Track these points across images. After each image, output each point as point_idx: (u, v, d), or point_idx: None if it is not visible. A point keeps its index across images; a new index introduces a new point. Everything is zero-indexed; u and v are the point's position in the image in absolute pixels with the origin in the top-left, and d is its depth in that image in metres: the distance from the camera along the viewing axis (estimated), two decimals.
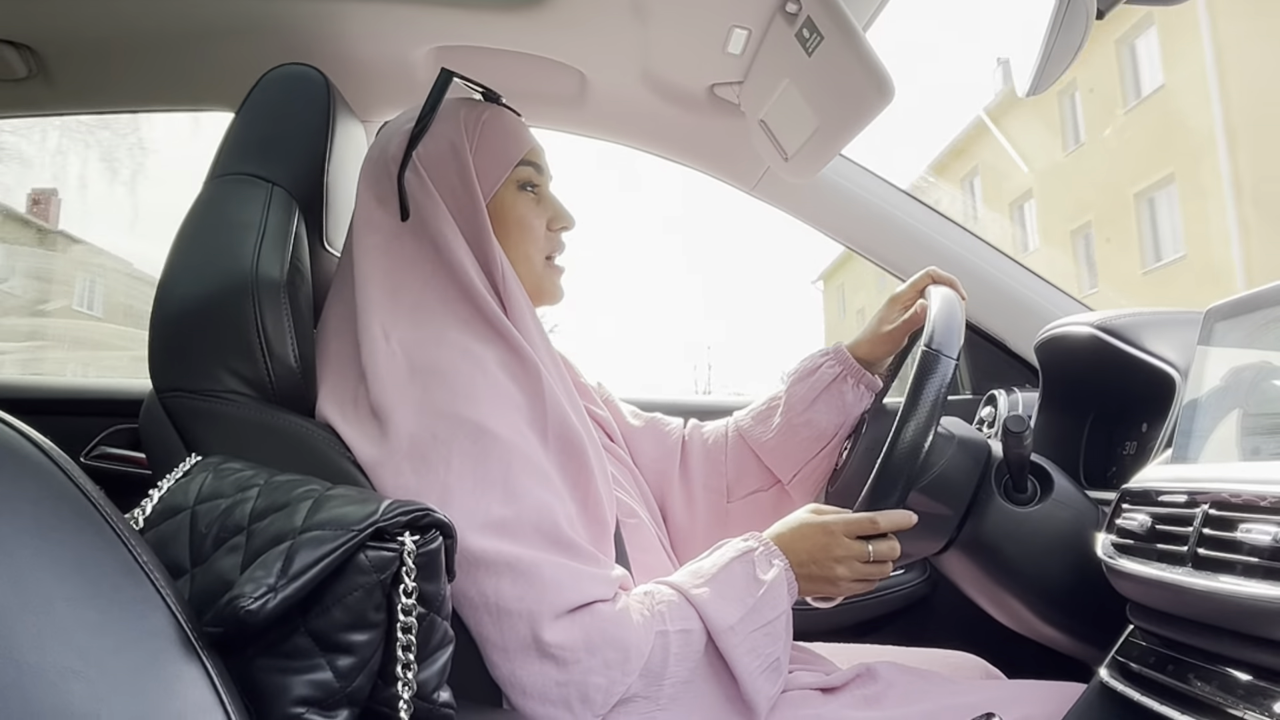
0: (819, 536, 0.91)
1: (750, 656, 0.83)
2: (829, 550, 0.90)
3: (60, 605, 0.47)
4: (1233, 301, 0.84)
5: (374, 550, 0.64)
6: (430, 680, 0.67)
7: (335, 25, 1.21)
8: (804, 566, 0.91)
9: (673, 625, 0.83)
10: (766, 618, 0.85)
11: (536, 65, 1.28)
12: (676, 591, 0.86)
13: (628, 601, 0.83)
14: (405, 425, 0.83)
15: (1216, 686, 0.69)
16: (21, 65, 1.27)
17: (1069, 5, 0.79)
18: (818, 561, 0.90)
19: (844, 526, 0.90)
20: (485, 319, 0.90)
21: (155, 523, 0.73)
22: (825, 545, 0.90)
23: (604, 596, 0.82)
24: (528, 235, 0.99)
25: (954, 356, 0.90)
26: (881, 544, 0.91)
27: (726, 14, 1.09)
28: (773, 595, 0.87)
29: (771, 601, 0.86)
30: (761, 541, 0.91)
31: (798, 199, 1.52)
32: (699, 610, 0.84)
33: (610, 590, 0.82)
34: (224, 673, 0.57)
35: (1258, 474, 0.70)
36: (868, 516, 0.90)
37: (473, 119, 0.98)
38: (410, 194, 0.95)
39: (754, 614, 0.85)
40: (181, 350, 0.89)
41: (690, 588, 0.86)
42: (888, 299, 1.14)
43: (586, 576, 0.81)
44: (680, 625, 0.83)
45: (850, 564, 0.90)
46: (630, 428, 1.19)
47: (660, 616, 0.83)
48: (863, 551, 0.90)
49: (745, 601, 0.85)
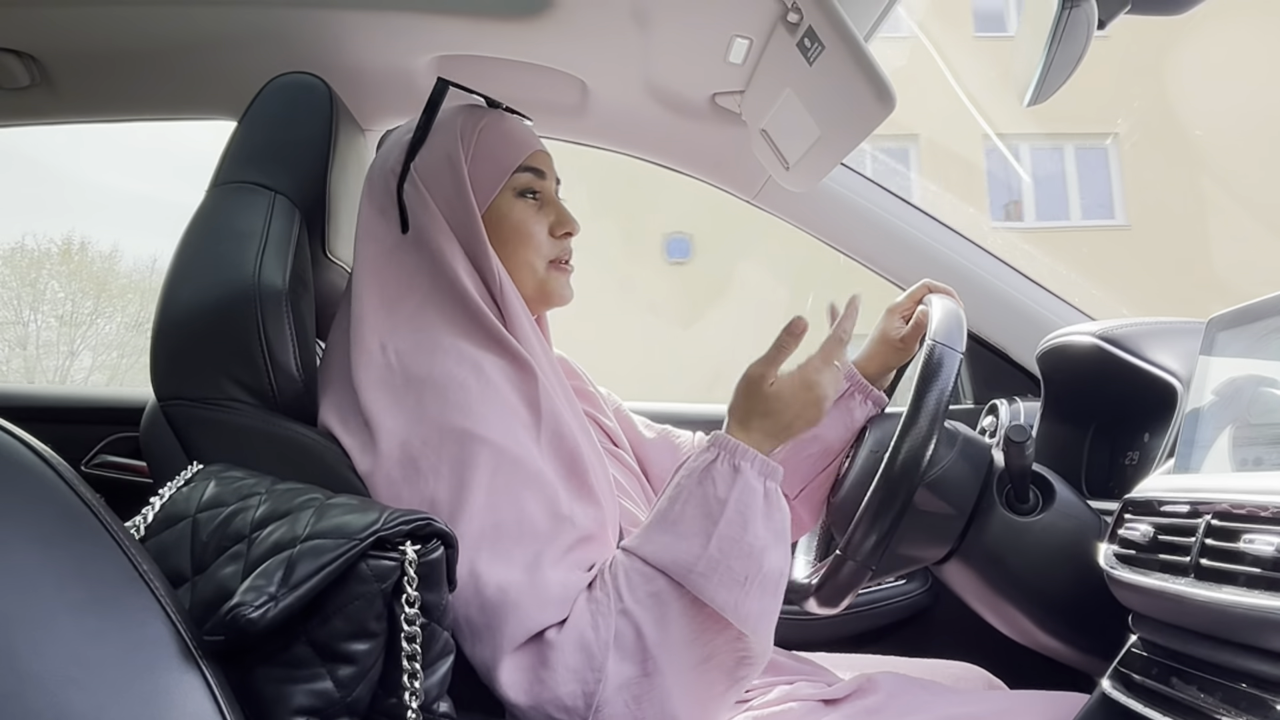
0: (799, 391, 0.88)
1: (725, 587, 0.79)
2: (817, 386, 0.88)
3: (60, 614, 0.47)
4: (1235, 311, 0.84)
5: (375, 559, 0.64)
6: (431, 690, 0.67)
7: (338, 34, 1.21)
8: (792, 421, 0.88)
9: (632, 598, 0.79)
10: (734, 535, 0.80)
11: (538, 74, 1.28)
12: (632, 555, 0.82)
13: (582, 604, 0.80)
14: (398, 434, 0.83)
15: (1219, 698, 0.69)
16: (24, 74, 1.27)
17: (1070, 16, 0.79)
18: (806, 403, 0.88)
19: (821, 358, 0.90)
20: (483, 329, 0.90)
21: (156, 531, 0.73)
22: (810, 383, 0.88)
23: (554, 620, 0.79)
24: (527, 243, 0.98)
25: (960, 350, 0.90)
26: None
27: (728, 23, 1.09)
28: (740, 506, 0.81)
29: (740, 513, 0.81)
30: (723, 448, 0.84)
31: (799, 208, 1.52)
32: (656, 567, 0.80)
33: (562, 611, 0.79)
34: (223, 682, 0.57)
35: (1260, 484, 0.69)
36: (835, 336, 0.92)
37: (470, 127, 0.98)
38: (409, 206, 0.94)
39: (720, 540, 0.80)
40: (184, 358, 0.89)
41: (644, 543, 0.82)
42: (885, 311, 1.14)
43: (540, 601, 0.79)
44: (645, 590, 0.80)
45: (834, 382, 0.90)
46: (643, 439, 1.18)
47: (619, 594, 0.80)
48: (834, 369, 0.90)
49: (706, 530, 0.80)
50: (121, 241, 8.76)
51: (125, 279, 7.85)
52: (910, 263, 1.51)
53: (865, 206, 1.51)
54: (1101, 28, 0.80)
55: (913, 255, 1.51)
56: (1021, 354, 1.51)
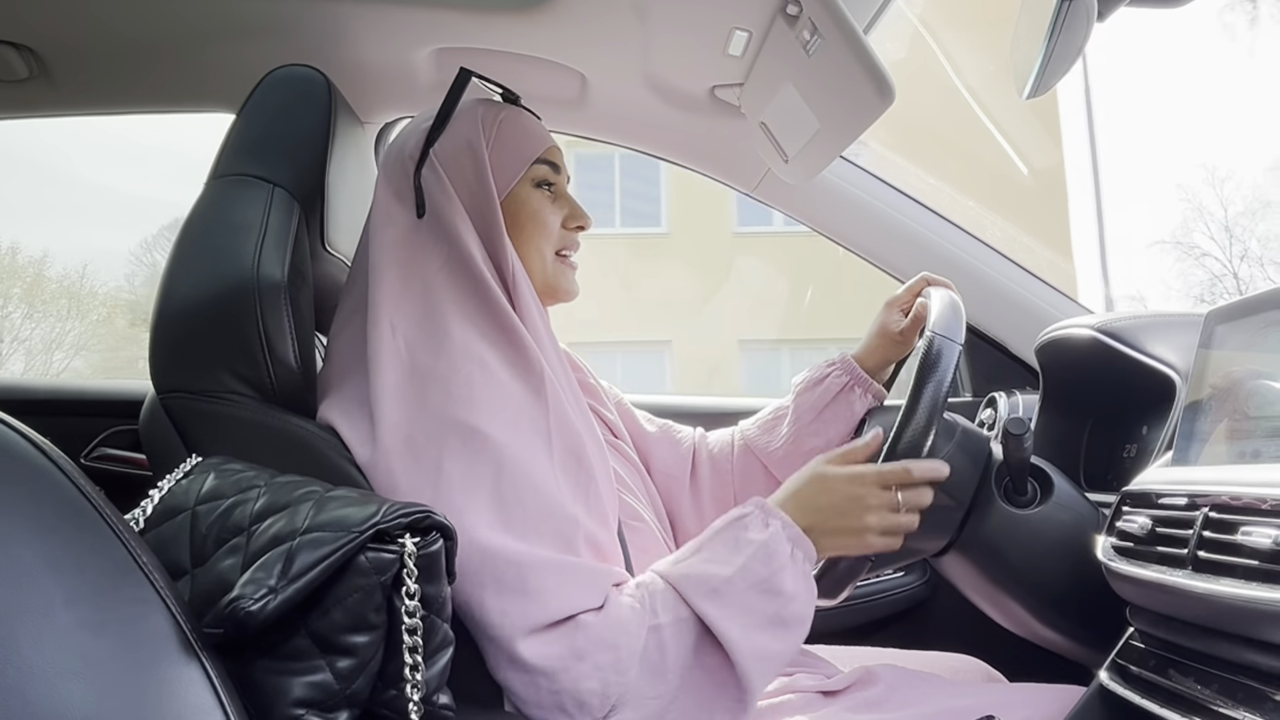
0: (845, 486, 0.86)
1: (736, 621, 0.79)
2: (860, 499, 0.85)
3: (60, 607, 0.48)
4: (1233, 304, 0.84)
5: (374, 552, 0.64)
6: (431, 682, 0.67)
7: (337, 27, 1.21)
8: (828, 520, 0.85)
9: (665, 617, 0.80)
10: (759, 575, 0.80)
11: (538, 67, 1.28)
12: (663, 579, 0.83)
13: (618, 599, 0.81)
14: (400, 426, 0.83)
15: (1216, 690, 0.69)
16: (22, 66, 1.27)
17: (1069, 7, 0.79)
18: (845, 513, 0.85)
19: (877, 476, 0.86)
20: (492, 315, 0.90)
21: (155, 524, 0.73)
22: (855, 495, 0.85)
23: (591, 605, 0.79)
24: (542, 231, 0.99)
25: (959, 342, 0.90)
26: (911, 492, 0.87)
27: (727, 16, 1.09)
28: (766, 553, 0.81)
29: (764, 558, 0.81)
30: (757, 505, 0.86)
31: (798, 200, 1.52)
32: (679, 590, 0.81)
33: (599, 596, 0.80)
34: (224, 674, 0.57)
35: (1258, 477, 0.70)
36: (901, 465, 0.86)
37: (490, 117, 0.99)
38: (427, 190, 0.94)
39: (742, 573, 0.80)
40: (183, 351, 0.89)
41: (675, 569, 0.83)
42: (884, 304, 1.14)
43: (573, 582, 0.79)
44: (673, 615, 0.80)
45: (881, 513, 0.85)
46: (644, 432, 1.18)
47: (652, 610, 0.80)
48: (893, 500, 0.86)
49: (731, 562, 0.81)
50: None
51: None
52: (909, 256, 1.51)
53: (864, 199, 1.51)
54: (1101, 19, 0.80)
55: (912, 248, 1.51)
56: (1020, 347, 1.51)
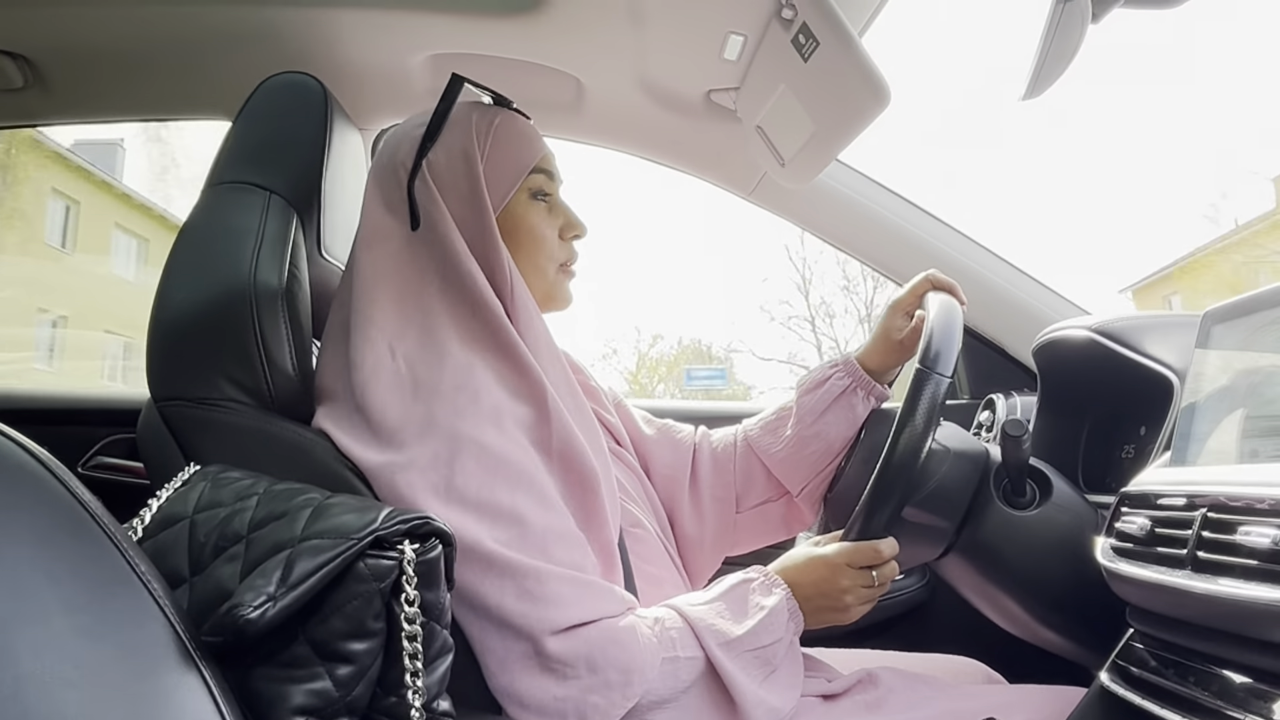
0: (823, 570, 0.91)
1: (744, 674, 0.83)
2: (835, 582, 0.91)
3: (57, 615, 0.47)
4: (1230, 304, 0.84)
5: (373, 559, 0.64)
6: (430, 689, 0.67)
7: (332, 33, 1.21)
8: (810, 600, 0.91)
9: (683, 652, 0.82)
10: (762, 641, 0.85)
11: (533, 72, 1.28)
12: (682, 617, 0.86)
13: (636, 621, 0.83)
14: (409, 441, 0.83)
15: (1217, 690, 0.69)
16: (17, 75, 1.27)
17: (1064, 9, 0.79)
18: (825, 594, 0.91)
19: (848, 557, 0.91)
20: (492, 333, 0.90)
21: (154, 532, 0.73)
22: (830, 578, 0.91)
23: (612, 612, 0.81)
24: (540, 246, 0.98)
25: (949, 375, 0.90)
26: (885, 568, 0.92)
27: (722, 20, 1.09)
28: (770, 621, 0.86)
29: (769, 626, 0.86)
30: (762, 572, 0.91)
31: (794, 204, 1.52)
32: (696, 632, 0.84)
33: (619, 606, 0.82)
34: (222, 682, 0.56)
35: (1256, 476, 0.69)
36: (871, 546, 0.91)
37: (484, 125, 0.96)
38: (420, 203, 0.93)
39: (752, 635, 0.85)
40: (179, 359, 0.89)
41: (691, 610, 0.86)
42: (888, 306, 1.12)
43: (593, 591, 0.81)
44: (690, 653, 0.83)
45: (856, 591, 0.91)
46: (642, 435, 1.18)
47: (671, 643, 0.82)
48: (867, 578, 0.91)
49: (744, 623, 0.85)
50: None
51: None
52: (906, 258, 1.51)
53: (861, 202, 1.51)
54: (1096, 21, 0.80)
55: (909, 251, 1.51)
56: (1018, 348, 1.51)
